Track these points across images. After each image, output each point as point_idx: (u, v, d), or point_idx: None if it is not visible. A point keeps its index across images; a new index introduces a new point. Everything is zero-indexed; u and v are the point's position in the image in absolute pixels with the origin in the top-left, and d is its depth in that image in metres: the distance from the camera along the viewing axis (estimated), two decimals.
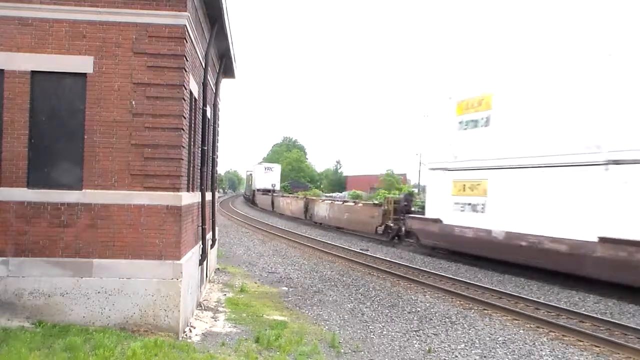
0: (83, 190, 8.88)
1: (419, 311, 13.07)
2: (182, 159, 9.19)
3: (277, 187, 70.38)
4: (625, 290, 15.36)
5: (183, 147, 9.18)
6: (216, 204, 16.53)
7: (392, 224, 28.02)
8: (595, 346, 10.54)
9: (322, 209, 38.44)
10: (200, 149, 11.55)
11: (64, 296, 8.71)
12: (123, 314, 8.78)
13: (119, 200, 8.90)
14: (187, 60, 9.23)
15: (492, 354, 9.93)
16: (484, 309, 13.41)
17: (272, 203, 56.03)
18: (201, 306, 11.65)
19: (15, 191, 8.79)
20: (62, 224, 8.84)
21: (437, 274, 18.27)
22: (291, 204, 47.85)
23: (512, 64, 21.28)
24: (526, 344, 10.61)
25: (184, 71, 9.07)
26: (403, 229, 26.94)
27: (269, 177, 70.08)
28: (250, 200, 77.36)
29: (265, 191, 66.39)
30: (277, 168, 74.21)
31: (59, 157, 8.94)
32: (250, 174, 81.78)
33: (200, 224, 11.46)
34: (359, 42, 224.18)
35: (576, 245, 16.34)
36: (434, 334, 11.04)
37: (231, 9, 14.00)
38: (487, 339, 10.86)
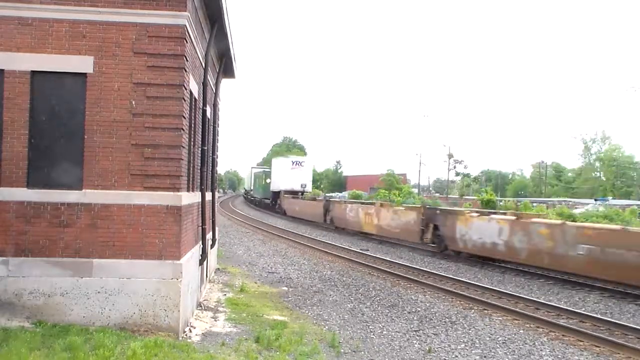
0: (83, 190, 8.88)
1: (419, 311, 13.07)
2: (182, 159, 9.19)
3: (309, 189, 53.33)
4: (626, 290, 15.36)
5: (183, 147, 9.18)
6: (216, 204, 16.52)
7: None
8: (595, 346, 10.53)
9: (488, 230, 20.57)
10: (200, 149, 11.55)
11: (64, 296, 8.71)
12: (123, 314, 8.77)
13: (119, 200, 8.90)
14: (187, 60, 9.23)
15: (492, 354, 9.93)
16: (484, 309, 13.41)
17: (326, 213, 37.44)
18: (201, 306, 11.65)
19: (15, 191, 8.79)
20: (62, 224, 8.84)
21: (437, 274, 18.27)
22: (379, 216, 29.46)
23: None
24: (526, 344, 10.60)
25: (184, 71, 9.07)
26: None
27: (298, 175, 52.31)
28: (269, 205, 57.72)
29: (295, 193, 50.51)
30: (308, 163, 55.38)
31: (59, 157, 8.94)
32: (264, 172, 64.94)
33: (200, 224, 11.46)
34: (359, 42, 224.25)
35: None
36: (434, 334, 11.03)
37: (231, 9, 14.00)
38: (487, 339, 10.86)
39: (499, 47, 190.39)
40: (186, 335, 9.24)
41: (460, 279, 17.36)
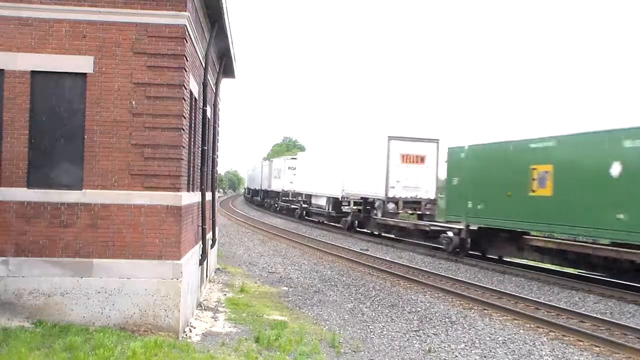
0: (83, 190, 8.88)
1: (419, 311, 13.07)
2: (182, 159, 9.19)
3: None
4: (625, 290, 15.36)
5: (183, 147, 9.18)
6: (216, 204, 16.53)
7: None
8: (595, 346, 10.53)
9: None
10: (200, 148, 11.55)
11: (64, 296, 8.71)
12: (123, 314, 8.77)
13: (119, 200, 8.90)
14: (187, 60, 9.23)
15: (492, 353, 9.93)
16: (484, 309, 13.41)
17: None
18: (201, 306, 11.65)
19: (15, 191, 8.79)
20: (62, 224, 8.84)
21: (437, 274, 18.27)
22: None
23: None
24: (526, 343, 10.60)
25: (184, 71, 9.07)
26: None
27: None
28: None
29: None
30: None
31: (59, 157, 8.93)
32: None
33: (201, 224, 11.46)
34: (359, 42, 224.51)
35: None
36: (434, 334, 11.03)
37: (231, 9, 14.01)
38: (487, 338, 10.86)
39: (499, 47, 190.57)
40: (186, 335, 9.23)
41: (460, 279, 17.36)
